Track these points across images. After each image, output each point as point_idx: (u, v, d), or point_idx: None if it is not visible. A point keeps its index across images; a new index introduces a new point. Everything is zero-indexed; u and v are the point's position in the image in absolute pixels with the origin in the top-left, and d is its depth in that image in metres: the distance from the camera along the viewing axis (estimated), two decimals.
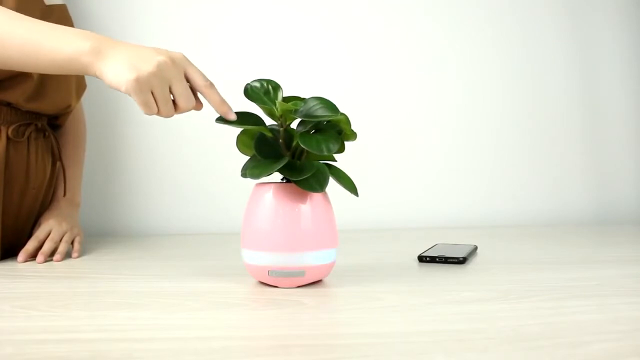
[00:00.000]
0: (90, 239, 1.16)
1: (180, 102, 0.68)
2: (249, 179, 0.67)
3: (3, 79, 0.89)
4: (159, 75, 0.66)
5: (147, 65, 0.65)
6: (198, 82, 0.69)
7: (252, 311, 0.58)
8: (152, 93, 0.66)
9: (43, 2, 0.97)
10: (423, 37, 1.38)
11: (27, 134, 0.94)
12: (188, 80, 0.69)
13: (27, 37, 0.69)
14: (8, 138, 0.91)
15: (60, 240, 0.95)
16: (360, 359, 0.44)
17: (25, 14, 0.77)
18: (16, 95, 0.92)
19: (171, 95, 0.69)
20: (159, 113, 0.68)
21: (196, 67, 0.70)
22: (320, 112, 0.67)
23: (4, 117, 0.92)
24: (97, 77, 0.68)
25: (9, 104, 0.92)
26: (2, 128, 0.91)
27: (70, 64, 0.69)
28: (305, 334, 0.51)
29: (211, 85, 0.69)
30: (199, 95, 0.72)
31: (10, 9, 0.83)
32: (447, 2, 1.38)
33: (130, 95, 0.66)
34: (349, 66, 1.36)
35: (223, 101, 0.69)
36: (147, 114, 0.68)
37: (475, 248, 0.95)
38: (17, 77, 0.91)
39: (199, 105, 0.72)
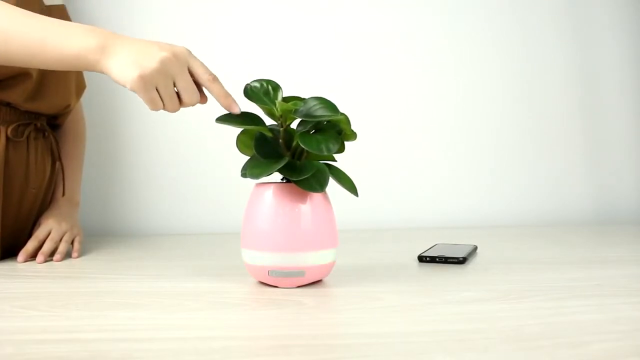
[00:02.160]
0: (90, 239, 1.16)
1: (185, 97, 0.69)
2: (249, 179, 0.67)
3: (2, 79, 0.89)
4: (163, 71, 0.66)
5: (151, 62, 0.66)
6: (202, 76, 0.69)
7: (252, 311, 0.58)
8: (157, 89, 0.67)
9: (43, 3, 0.97)
10: (423, 37, 1.38)
11: (26, 133, 0.94)
12: (192, 75, 0.69)
13: (33, 34, 0.70)
14: (7, 138, 0.91)
15: (60, 240, 0.95)
16: (360, 359, 0.44)
17: None
18: (15, 95, 0.92)
19: (176, 90, 0.69)
20: (164, 108, 0.69)
21: (199, 61, 0.70)
22: (320, 112, 0.67)
23: (3, 116, 0.92)
24: (103, 73, 0.69)
25: (8, 104, 0.92)
26: (2, 128, 0.91)
27: (77, 61, 0.69)
28: (305, 334, 0.51)
29: (215, 78, 0.70)
30: (203, 89, 0.72)
31: None
32: (447, 2, 1.38)
33: (135, 92, 0.67)
34: (349, 66, 1.36)
35: (227, 94, 0.70)
36: (153, 110, 0.69)
37: (475, 248, 0.95)
38: (17, 76, 0.91)
39: (203, 99, 0.72)
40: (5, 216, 0.93)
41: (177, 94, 0.69)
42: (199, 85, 0.71)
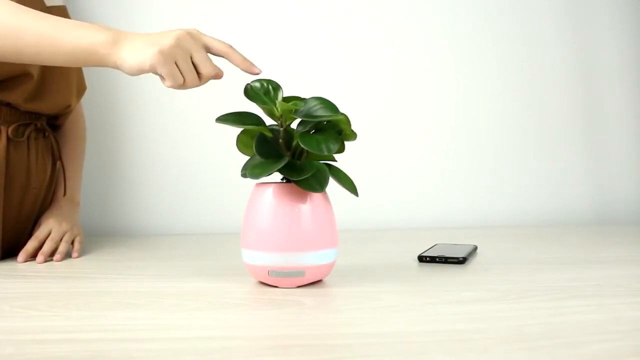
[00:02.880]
0: (90, 239, 1.16)
1: (203, 69, 0.71)
2: (249, 179, 0.67)
3: (3, 79, 0.89)
4: (180, 46, 0.68)
5: (167, 39, 0.68)
6: (218, 46, 0.72)
7: (252, 311, 0.58)
8: (176, 64, 0.69)
9: (44, 3, 0.97)
10: (423, 37, 1.38)
11: (27, 133, 0.94)
12: (207, 50, 0.72)
13: (44, 31, 0.71)
14: (8, 138, 0.91)
15: (61, 240, 0.95)
16: (360, 359, 0.44)
17: None
18: (16, 95, 0.92)
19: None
20: (184, 84, 0.70)
21: (211, 36, 0.73)
22: (320, 112, 0.67)
23: (4, 117, 0.92)
24: (115, 67, 0.70)
25: (8, 104, 0.92)
26: (2, 128, 0.91)
27: (88, 56, 0.70)
28: (305, 334, 0.51)
29: (230, 46, 0.73)
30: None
31: None
32: (447, 2, 1.38)
33: (155, 70, 0.68)
34: (349, 66, 1.36)
35: (245, 59, 0.73)
36: (173, 87, 0.70)
37: (475, 248, 0.95)
38: (18, 77, 0.91)
39: (220, 73, 0.74)
40: (5, 216, 0.93)
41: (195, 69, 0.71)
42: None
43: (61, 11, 1.02)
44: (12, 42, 0.72)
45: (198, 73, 0.71)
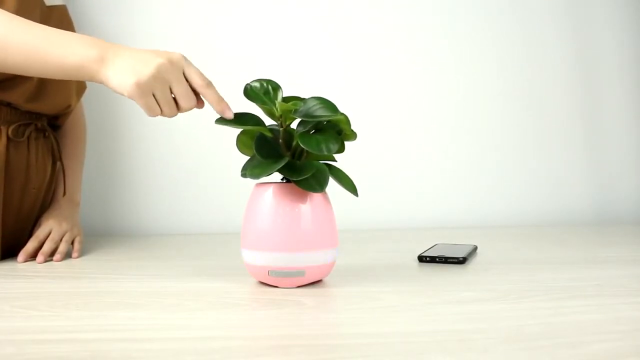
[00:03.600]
0: (90, 239, 1.16)
1: (182, 102, 0.70)
2: (249, 179, 0.67)
3: (3, 80, 0.89)
4: (159, 77, 0.67)
5: (147, 68, 0.67)
6: (196, 81, 0.70)
7: (252, 311, 0.58)
8: (154, 95, 0.68)
9: (43, 3, 0.97)
10: (423, 37, 1.38)
11: (27, 133, 0.94)
12: (187, 80, 0.70)
13: (34, 44, 0.71)
14: (8, 138, 0.91)
15: (61, 240, 0.95)
16: (360, 359, 0.44)
17: (26, 15, 0.77)
18: (16, 95, 0.92)
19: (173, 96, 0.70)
20: (162, 114, 0.70)
21: (194, 67, 0.71)
22: (320, 112, 0.67)
23: (4, 117, 0.92)
24: (102, 83, 0.70)
25: (9, 104, 0.92)
26: (2, 128, 0.91)
27: (77, 72, 0.70)
28: (305, 334, 0.51)
29: (209, 84, 0.70)
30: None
31: (11, 10, 0.84)
32: (447, 2, 1.38)
33: (133, 99, 0.67)
34: (349, 66, 1.36)
35: (220, 99, 0.70)
36: (151, 116, 0.69)
37: (475, 248, 0.95)
38: (18, 77, 0.91)
39: (200, 104, 0.73)
40: (5, 216, 0.93)
41: (174, 99, 0.70)
42: (195, 91, 0.71)
43: (61, 11, 1.02)
44: (1, 55, 0.71)
45: (177, 104, 0.70)
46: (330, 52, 1.36)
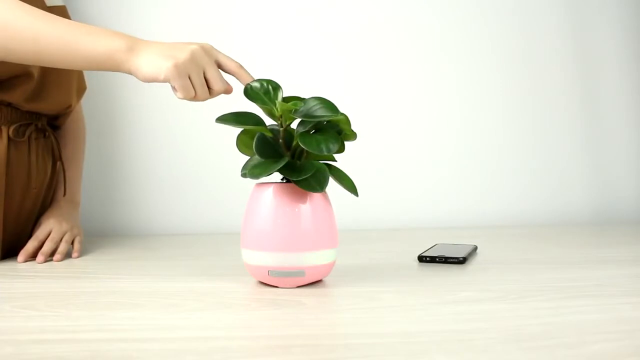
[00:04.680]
0: (90, 239, 1.16)
1: (215, 85, 0.74)
2: (249, 179, 0.67)
3: (4, 79, 0.89)
4: (194, 61, 0.71)
5: (183, 53, 0.70)
6: (229, 64, 0.75)
7: (252, 311, 0.58)
8: (189, 78, 0.71)
9: (44, 3, 0.97)
10: (423, 38, 1.38)
11: (27, 134, 0.94)
12: (219, 66, 0.75)
13: (64, 36, 0.73)
14: (9, 138, 0.91)
15: (61, 240, 0.95)
16: (360, 359, 0.44)
17: None
18: (17, 95, 0.92)
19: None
20: (195, 97, 0.73)
21: (224, 54, 0.75)
22: (320, 112, 0.67)
23: (5, 117, 0.92)
24: (129, 73, 0.72)
25: (9, 104, 0.92)
26: (3, 128, 0.91)
27: (105, 61, 0.72)
28: (305, 334, 0.51)
29: (240, 66, 0.75)
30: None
31: None
32: (448, 3, 1.38)
33: (169, 81, 0.70)
34: (349, 66, 1.36)
35: (252, 78, 0.75)
36: (185, 99, 0.72)
37: (475, 248, 0.95)
38: (19, 77, 0.91)
39: (229, 88, 0.76)
40: (6, 217, 0.93)
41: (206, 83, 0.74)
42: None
43: (61, 11, 1.02)
44: (31, 46, 0.73)
45: (209, 88, 0.74)
46: (331, 52, 1.36)
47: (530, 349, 0.45)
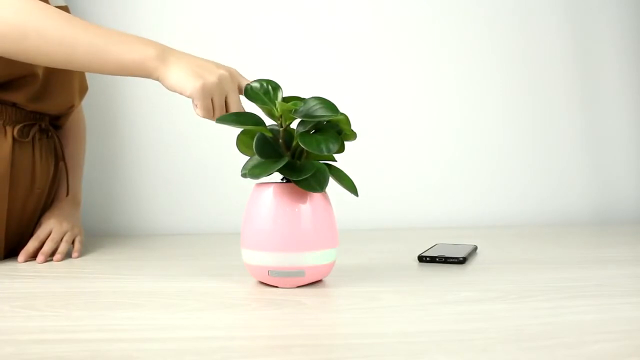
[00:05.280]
0: (90, 239, 1.16)
1: (232, 109, 0.76)
2: (249, 179, 0.67)
3: (8, 80, 0.90)
4: (220, 86, 0.73)
5: (212, 76, 0.72)
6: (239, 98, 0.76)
7: (252, 311, 0.58)
8: (211, 100, 0.73)
9: (48, 3, 0.97)
10: (423, 37, 1.38)
11: (31, 134, 0.95)
12: (239, 91, 0.77)
13: (96, 42, 0.74)
14: (14, 138, 0.92)
15: (61, 240, 0.95)
16: (360, 359, 0.44)
17: None
18: (21, 96, 0.92)
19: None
20: (213, 118, 0.74)
21: (247, 80, 0.77)
22: (320, 112, 0.67)
23: (10, 117, 0.92)
24: (157, 80, 0.74)
25: (14, 104, 0.92)
26: (8, 129, 0.91)
27: (137, 69, 0.74)
28: (305, 334, 0.51)
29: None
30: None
31: None
32: (448, 3, 1.38)
33: (193, 99, 0.72)
34: (349, 66, 1.36)
35: None
36: (204, 117, 0.74)
37: (475, 248, 0.95)
38: (23, 77, 0.91)
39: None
40: (10, 217, 0.92)
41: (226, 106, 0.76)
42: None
43: (64, 11, 1.02)
44: (65, 51, 0.74)
45: (227, 110, 0.76)
46: (331, 52, 1.36)
47: (530, 349, 0.45)
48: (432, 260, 0.85)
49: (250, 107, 0.73)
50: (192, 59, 0.74)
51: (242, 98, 0.77)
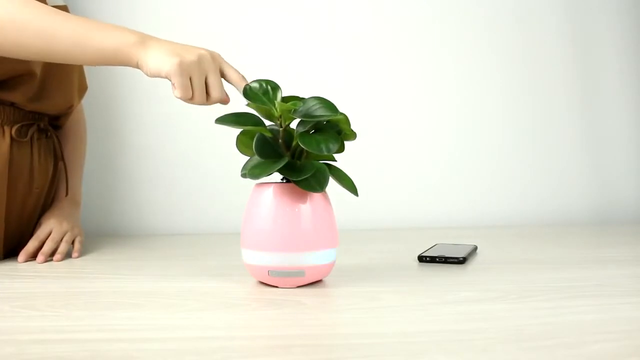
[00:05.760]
0: (90, 239, 1.16)
1: (213, 92, 0.73)
2: (249, 179, 0.67)
3: (6, 79, 0.90)
4: (199, 64, 0.71)
5: (190, 54, 0.71)
6: (233, 76, 0.74)
7: (252, 311, 0.58)
8: (190, 80, 0.71)
9: (46, 3, 0.97)
10: (423, 37, 1.38)
11: (30, 134, 0.94)
12: (223, 75, 0.75)
13: (76, 30, 0.74)
14: (12, 138, 0.91)
15: (61, 240, 0.95)
16: (360, 359, 0.44)
17: None
18: (20, 95, 0.92)
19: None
20: (192, 99, 0.72)
21: (230, 65, 0.75)
22: (320, 112, 0.67)
23: (8, 117, 0.92)
24: (137, 67, 0.73)
25: (12, 104, 0.92)
26: (6, 128, 0.91)
27: (116, 56, 0.73)
28: (305, 334, 0.51)
29: (244, 78, 0.75)
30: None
31: None
32: (448, 3, 1.38)
33: (170, 77, 0.70)
34: (349, 66, 1.36)
35: None
36: (182, 98, 0.72)
37: (475, 248, 0.95)
38: (21, 76, 0.91)
39: (226, 99, 0.76)
40: (8, 217, 0.92)
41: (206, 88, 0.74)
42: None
43: (63, 11, 1.02)
44: (45, 42, 0.74)
45: (207, 94, 0.74)
46: (330, 51, 1.36)
47: (530, 349, 0.45)
48: (432, 260, 0.85)
49: (230, 89, 0.74)
50: (172, 43, 0.73)
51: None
